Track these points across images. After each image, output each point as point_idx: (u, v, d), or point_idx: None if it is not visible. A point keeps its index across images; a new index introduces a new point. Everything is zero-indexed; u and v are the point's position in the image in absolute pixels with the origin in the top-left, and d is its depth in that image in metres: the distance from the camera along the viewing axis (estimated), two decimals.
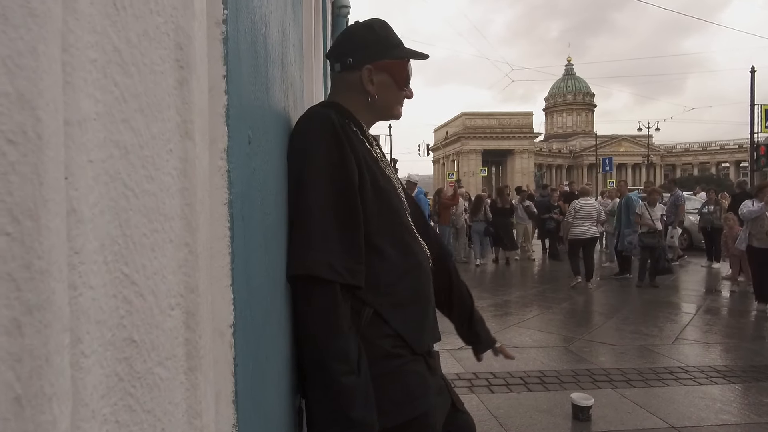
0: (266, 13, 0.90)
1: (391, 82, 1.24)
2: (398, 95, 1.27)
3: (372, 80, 1.22)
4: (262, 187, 0.81)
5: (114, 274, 0.26)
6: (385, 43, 1.25)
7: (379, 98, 1.23)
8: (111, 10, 0.25)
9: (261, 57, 0.82)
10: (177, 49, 0.32)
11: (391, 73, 1.23)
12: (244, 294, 0.61)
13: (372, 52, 1.23)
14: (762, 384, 3.87)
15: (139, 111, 0.28)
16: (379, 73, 1.22)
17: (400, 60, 1.24)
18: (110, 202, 0.25)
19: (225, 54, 0.56)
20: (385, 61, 1.23)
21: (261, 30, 0.82)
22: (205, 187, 0.39)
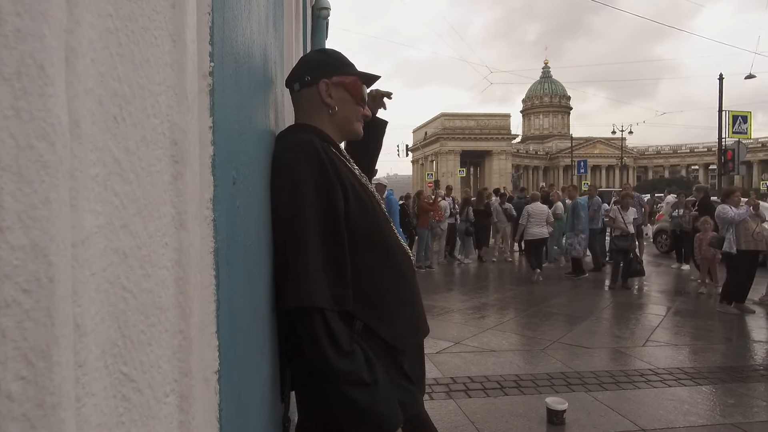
0: (249, 44, 0.91)
1: (348, 97, 1.30)
2: (356, 110, 1.33)
3: (330, 94, 1.28)
4: (245, 220, 0.82)
5: (114, 376, 0.27)
6: (337, 63, 1.33)
7: (339, 111, 1.29)
8: (111, 124, 0.26)
9: (245, 92, 0.83)
10: (172, 145, 0.33)
11: (347, 88, 1.30)
12: (228, 337, 0.62)
13: (326, 69, 1.30)
14: (727, 385, 4.01)
15: (137, 214, 0.29)
16: (335, 87, 1.29)
17: (353, 76, 1.32)
18: (110, 307, 0.26)
19: (212, 105, 0.57)
20: (340, 77, 1.30)
21: (245, 65, 0.83)
22: (197, 268, 0.40)
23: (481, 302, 7.16)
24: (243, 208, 0.80)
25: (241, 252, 0.76)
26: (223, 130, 0.63)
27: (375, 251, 1.19)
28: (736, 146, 13.83)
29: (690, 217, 9.33)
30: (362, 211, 1.16)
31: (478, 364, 4.49)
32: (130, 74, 0.28)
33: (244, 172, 0.81)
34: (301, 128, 1.27)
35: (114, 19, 0.27)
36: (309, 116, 1.31)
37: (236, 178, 0.71)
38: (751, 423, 3.33)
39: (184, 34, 0.35)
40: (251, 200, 0.92)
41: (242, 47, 0.81)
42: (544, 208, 8.96)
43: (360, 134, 1.37)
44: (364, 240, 1.16)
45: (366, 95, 1.37)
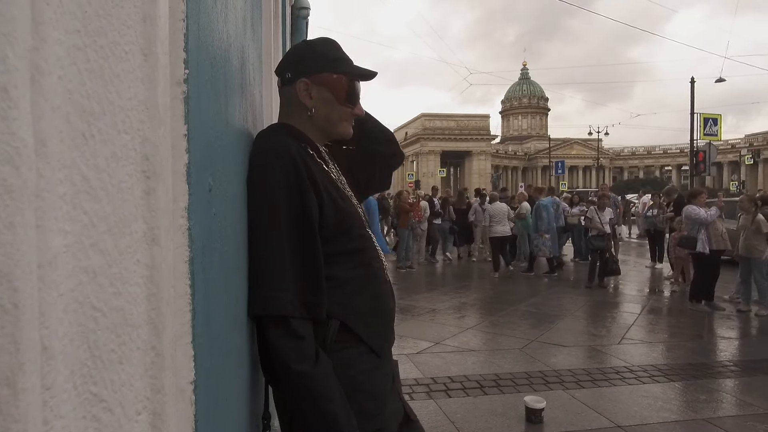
0: (226, 49, 0.90)
1: (332, 98, 1.22)
2: (341, 111, 1.25)
3: (310, 94, 1.22)
4: (222, 226, 0.81)
5: (83, 396, 0.26)
6: (323, 59, 1.23)
7: (319, 113, 1.23)
8: (80, 142, 0.26)
9: (222, 97, 0.82)
10: (144, 160, 0.33)
11: (330, 88, 1.22)
12: (204, 346, 0.61)
13: (308, 66, 1.22)
14: (699, 381, 4.13)
15: (107, 232, 0.29)
16: (317, 87, 1.22)
17: (340, 75, 1.22)
18: (79, 327, 0.26)
19: (186, 113, 0.56)
20: (323, 75, 1.21)
21: (221, 70, 0.82)
22: (171, 284, 0.40)
23: (461, 302, 7.21)
24: (220, 214, 0.79)
25: (217, 259, 0.76)
26: (199, 138, 0.62)
27: (350, 255, 1.18)
28: (707, 148, 14.21)
29: (663, 217, 9.57)
30: (337, 216, 1.15)
31: (458, 363, 4.52)
32: (99, 90, 0.28)
33: (221, 178, 0.80)
34: (278, 129, 1.24)
35: (82, 35, 0.26)
36: (288, 114, 1.27)
37: (212, 185, 0.71)
38: (721, 418, 3.43)
39: (156, 48, 0.35)
40: (228, 206, 0.91)
41: (219, 52, 0.80)
42: (504, 207, 9.60)
43: (347, 135, 1.30)
44: (338, 244, 1.15)
45: (357, 93, 1.26)
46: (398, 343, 4.93)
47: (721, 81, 21.77)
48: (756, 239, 6.38)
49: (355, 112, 1.27)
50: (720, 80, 21.73)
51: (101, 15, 0.28)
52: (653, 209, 10.31)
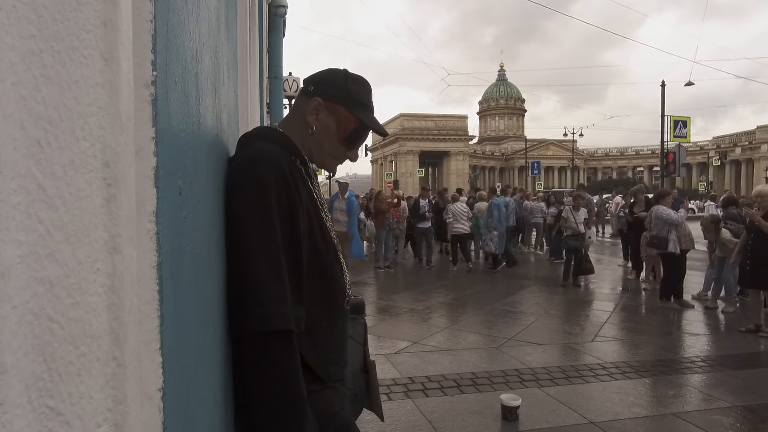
0: (197, 49, 0.89)
1: (334, 130, 1.22)
2: (336, 147, 1.24)
3: (317, 115, 1.21)
4: (193, 229, 0.80)
5: (39, 411, 0.26)
6: (347, 94, 1.22)
7: (316, 136, 1.22)
8: (35, 150, 0.25)
9: (193, 98, 0.81)
10: (104, 168, 0.32)
11: (338, 121, 1.21)
12: (174, 353, 0.60)
13: (332, 92, 1.21)
14: (668, 377, 4.25)
15: (64, 241, 0.28)
16: (327, 113, 1.21)
17: (352, 117, 1.22)
18: (34, 340, 0.25)
19: (154, 115, 0.55)
20: (338, 107, 1.21)
21: (192, 71, 0.81)
22: (134, 293, 0.39)
23: (439, 301, 7.26)
24: (191, 217, 0.78)
25: (189, 262, 0.74)
26: (168, 140, 0.61)
27: (317, 279, 1.16)
28: (676, 149, 14.61)
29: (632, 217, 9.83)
30: (311, 239, 1.14)
31: (436, 363, 4.55)
32: (56, 96, 0.27)
33: (192, 180, 0.79)
34: (272, 135, 1.20)
35: (38, 39, 0.25)
36: (291, 122, 1.26)
37: (182, 188, 0.70)
38: (689, 412, 3.54)
39: (117, 53, 0.34)
40: (200, 208, 0.90)
41: (190, 53, 0.79)
42: (464, 207, 10.25)
43: (331, 170, 1.30)
44: (308, 271, 1.13)
45: (359, 140, 1.26)
46: (376, 343, 4.95)
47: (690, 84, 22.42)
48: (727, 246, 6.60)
49: (348, 155, 1.27)
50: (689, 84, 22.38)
51: (58, 19, 0.27)
52: (624, 209, 10.58)
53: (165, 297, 0.57)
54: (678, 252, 6.74)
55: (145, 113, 0.54)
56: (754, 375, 4.36)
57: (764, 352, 5.07)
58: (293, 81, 11.89)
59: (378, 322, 6.02)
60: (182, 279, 0.69)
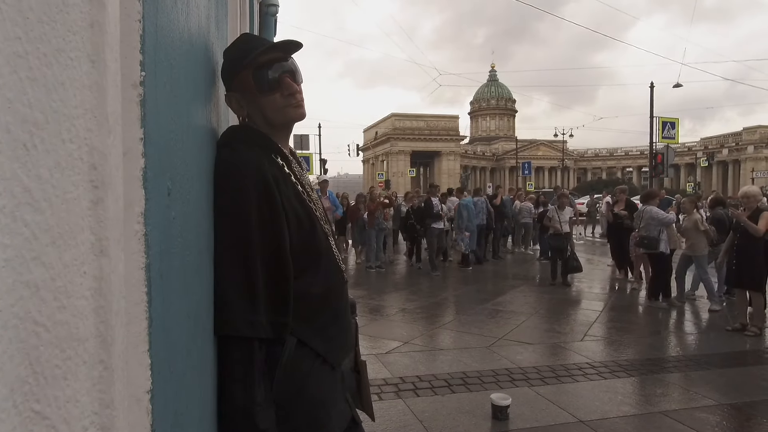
0: (187, 49, 0.89)
1: (250, 96, 1.17)
2: (269, 102, 1.16)
3: (240, 104, 1.20)
4: (183, 230, 0.79)
5: (24, 415, 0.25)
6: (229, 64, 1.17)
7: (252, 116, 1.19)
8: (21, 152, 0.25)
9: (182, 99, 0.80)
10: (91, 170, 0.32)
11: (244, 87, 1.17)
12: (162, 354, 0.60)
13: (226, 78, 1.19)
14: (656, 376, 4.29)
15: (50, 244, 0.28)
16: (239, 94, 1.19)
17: (243, 70, 1.15)
18: (20, 344, 0.25)
19: (142, 116, 0.55)
20: (234, 81, 1.18)
21: (182, 71, 0.80)
22: (121, 296, 0.39)
23: (430, 301, 7.27)
24: (180, 218, 0.77)
25: (177, 263, 0.74)
26: (156, 141, 0.61)
27: (311, 270, 1.18)
28: (665, 150, 14.77)
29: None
30: (300, 233, 1.15)
31: (427, 363, 4.56)
32: (42, 99, 0.27)
33: (181, 181, 0.79)
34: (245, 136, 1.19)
35: (23, 42, 0.25)
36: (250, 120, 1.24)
37: (171, 189, 0.69)
38: (677, 410, 3.58)
39: (104, 54, 0.34)
40: (190, 209, 0.90)
41: (179, 53, 0.79)
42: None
43: (295, 118, 1.21)
44: (300, 260, 1.14)
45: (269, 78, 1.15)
46: (367, 343, 4.95)
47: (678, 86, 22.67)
48: (697, 238, 6.72)
49: (284, 96, 1.17)
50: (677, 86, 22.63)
51: (44, 21, 0.27)
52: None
53: (153, 299, 0.57)
54: (668, 252, 6.83)
55: (134, 114, 0.54)
56: (740, 373, 4.42)
57: (750, 350, 5.14)
58: None
59: (369, 322, 6.02)
60: (171, 280, 0.69)
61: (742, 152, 58.28)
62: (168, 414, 0.62)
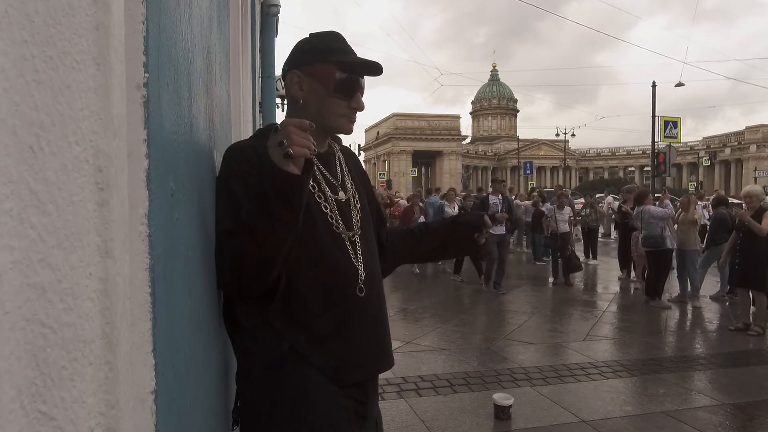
0: (190, 50, 0.89)
1: (322, 89, 1.16)
2: (333, 104, 1.17)
3: (302, 86, 1.18)
4: (186, 231, 0.80)
5: (31, 416, 0.26)
6: (315, 50, 1.18)
7: (310, 106, 1.18)
8: (27, 155, 0.25)
9: (185, 100, 0.81)
10: (97, 172, 0.32)
11: (320, 78, 1.16)
12: (166, 355, 0.60)
13: (301, 57, 1.19)
14: (659, 375, 4.28)
15: (57, 246, 0.28)
16: (308, 78, 1.17)
17: (330, 64, 1.16)
18: (27, 345, 0.25)
19: (146, 117, 0.55)
20: (314, 66, 1.16)
21: (184, 72, 0.80)
22: (126, 297, 0.39)
23: (432, 301, 7.27)
24: (183, 219, 0.78)
25: (181, 264, 0.74)
26: (160, 142, 0.61)
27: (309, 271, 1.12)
28: (667, 150, 14.72)
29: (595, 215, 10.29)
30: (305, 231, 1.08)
31: (429, 362, 4.56)
32: (48, 101, 0.27)
33: (184, 181, 0.79)
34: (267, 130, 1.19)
35: (30, 45, 0.25)
36: (291, 111, 1.22)
37: (174, 190, 0.69)
38: (679, 410, 3.57)
39: (109, 57, 0.34)
40: (192, 209, 0.90)
41: (182, 54, 0.79)
42: None
43: (343, 131, 1.23)
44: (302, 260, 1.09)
45: (351, 85, 1.18)
46: None
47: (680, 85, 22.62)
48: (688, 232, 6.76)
49: (350, 105, 1.19)
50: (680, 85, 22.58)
51: (50, 24, 0.27)
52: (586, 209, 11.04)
53: (157, 299, 0.57)
54: (674, 247, 6.84)
55: (137, 115, 0.54)
56: (743, 373, 4.41)
57: (753, 350, 5.13)
58: None
59: None
60: (175, 281, 0.69)
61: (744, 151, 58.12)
62: (172, 414, 0.63)
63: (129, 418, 0.38)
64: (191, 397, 0.79)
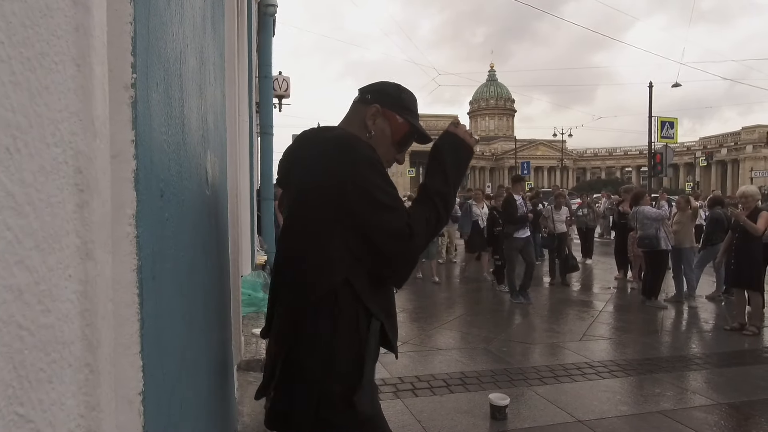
0: (182, 49, 0.89)
1: (389, 134, 1.36)
2: (389, 150, 1.37)
3: (375, 120, 1.34)
4: (176, 231, 0.80)
5: (8, 419, 0.26)
6: (400, 103, 1.38)
7: (374, 139, 1.33)
8: (4, 156, 0.25)
9: (176, 100, 0.80)
10: (76, 173, 0.32)
11: (392, 126, 1.36)
12: (154, 356, 0.60)
13: (388, 100, 1.36)
14: (654, 375, 4.29)
15: (34, 248, 0.28)
16: (383, 119, 1.35)
17: (404, 122, 1.37)
18: (3, 348, 0.25)
19: (134, 117, 0.55)
20: (393, 114, 1.36)
21: (175, 73, 0.80)
22: (108, 298, 0.39)
23: (428, 302, 7.27)
24: (174, 219, 0.78)
25: (171, 265, 0.74)
26: (148, 143, 0.61)
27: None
28: (664, 150, 14.75)
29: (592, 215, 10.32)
30: None
31: (426, 363, 4.56)
32: (25, 103, 0.27)
33: (176, 182, 0.79)
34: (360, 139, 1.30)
35: (6, 46, 0.25)
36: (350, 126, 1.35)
37: (164, 190, 0.69)
38: (675, 410, 3.58)
39: (90, 58, 0.34)
40: (185, 210, 0.90)
41: (173, 54, 0.79)
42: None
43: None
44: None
45: (408, 143, 1.41)
46: None
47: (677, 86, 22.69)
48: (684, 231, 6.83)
49: (397, 158, 1.41)
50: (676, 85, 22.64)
51: (27, 25, 0.27)
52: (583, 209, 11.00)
53: (145, 300, 0.57)
54: (670, 248, 6.85)
55: (124, 116, 0.54)
56: (739, 373, 4.42)
57: (748, 350, 5.14)
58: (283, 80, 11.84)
59: None
60: (164, 282, 0.69)
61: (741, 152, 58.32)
62: (161, 415, 0.63)
63: (111, 419, 0.38)
64: (181, 398, 0.79)
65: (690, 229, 7.00)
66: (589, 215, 10.83)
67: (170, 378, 0.71)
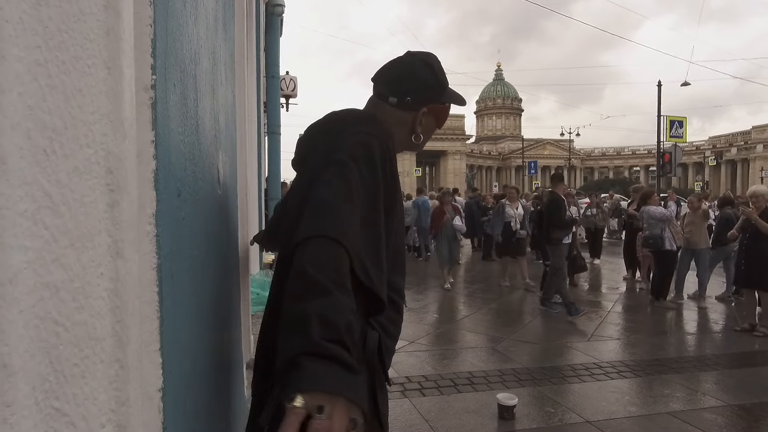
0: (196, 50, 0.90)
1: (434, 125, 1.29)
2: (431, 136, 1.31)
3: (421, 121, 1.24)
4: (192, 231, 0.81)
5: (45, 412, 0.26)
6: (440, 88, 1.26)
7: (422, 141, 1.28)
8: (41, 158, 0.26)
9: (191, 101, 0.81)
10: (107, 174, 0.33)
11: (437, 117, 1.27)
12: (173, 353, 0.61)
13: (431, 95, 1.24)
14: (663, 376, 4.27)
15: (69, 246, 0.29)
16: (428, 116, 1.25)
17: (446, 105, 1.28)
18: (40, 343, 0.26)
19: (154, 118, 0.56)
20: (437, 107, 1.26)
21: (191, 74, 0.81)
22: (136, 296, 0.40)
23: (435, 300, 7.27)
24: (189, 218, 0.79)
25: (188, 263, 0.75)
26: (167, 143, 0.62)
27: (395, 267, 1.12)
28: (672, 149, 14.64)
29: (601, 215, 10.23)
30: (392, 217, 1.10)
31: (433, 362, 4.56)
32: (61, 105, 0.28)
33: (191, 181, 0.80)
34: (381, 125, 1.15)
35: (43, 50, 0.26)
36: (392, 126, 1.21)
37: (181, 190, 0.70)
38: (684, 411, 3.55)
39: (120, 61, 0.35)
40: (199, 209, 0.91)
41: (188, 55, 0.80)
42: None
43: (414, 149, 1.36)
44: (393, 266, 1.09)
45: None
46: None
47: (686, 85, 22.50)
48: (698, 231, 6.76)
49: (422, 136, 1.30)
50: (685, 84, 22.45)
51: (63, 30, 0.28)
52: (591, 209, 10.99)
53: (164, 298, 0.58)
54: (675, 249, 6.80)
55: (145, 117, 0.55)
56: (749, 374, 4.38)
57: (759, 351, 5.10)
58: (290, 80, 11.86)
59: None
60: (181, 280, 0.70)
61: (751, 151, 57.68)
62: (179, 411, 0.63)
63: (139, 415, 0.39)
64: (196, 395, 0.80)
65: (703, 230, 6.92)
66: (597, 215, 10.80)
67: (187, 375, 0.72)
